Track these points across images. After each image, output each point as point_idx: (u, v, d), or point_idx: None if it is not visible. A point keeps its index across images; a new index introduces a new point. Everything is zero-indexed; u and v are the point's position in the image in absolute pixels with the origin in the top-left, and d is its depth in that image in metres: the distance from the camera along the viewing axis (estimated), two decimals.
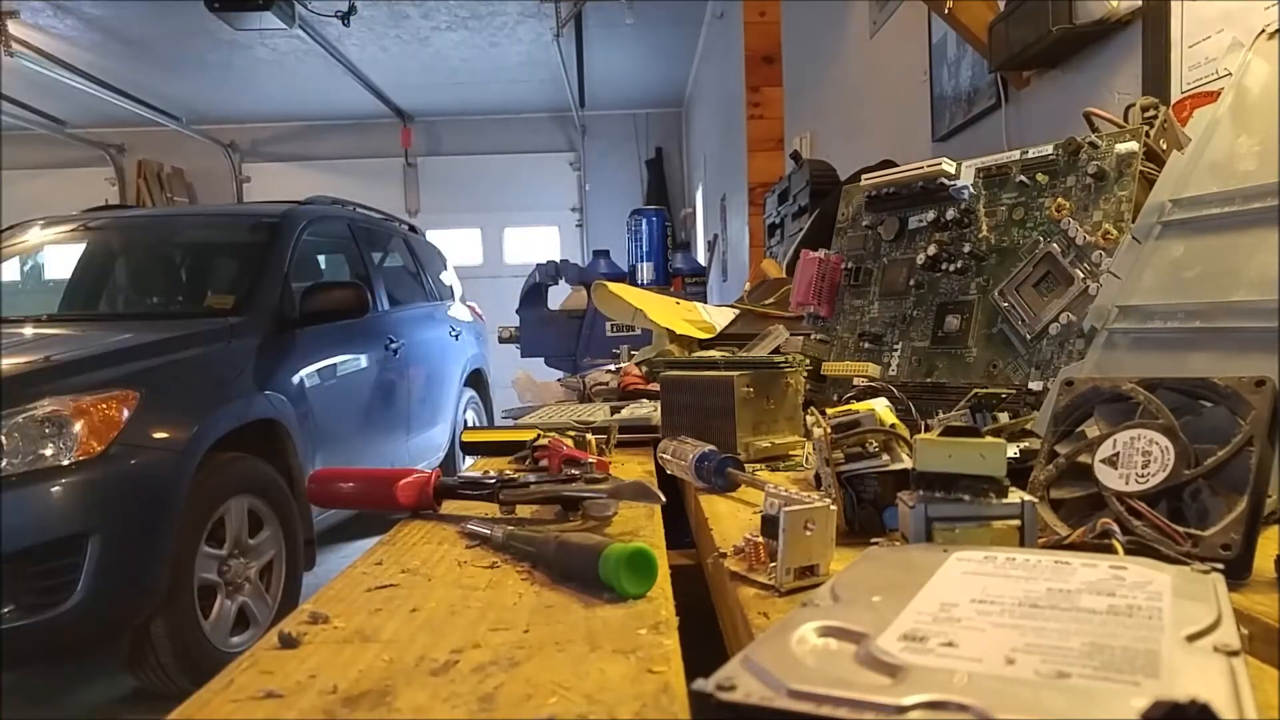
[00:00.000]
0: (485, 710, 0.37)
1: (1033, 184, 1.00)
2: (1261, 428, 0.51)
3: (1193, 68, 1.22)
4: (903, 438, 0.66)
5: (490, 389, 5.91)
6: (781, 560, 0.51)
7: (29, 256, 4.40)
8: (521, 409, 1.51)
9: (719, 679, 0.30)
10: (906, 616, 0.35)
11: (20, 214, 4.59)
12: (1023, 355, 0.96)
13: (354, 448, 3.87)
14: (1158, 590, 0.38)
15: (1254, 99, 0.76)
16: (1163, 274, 0.76)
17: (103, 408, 2.49)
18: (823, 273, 1.25)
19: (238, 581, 2.95)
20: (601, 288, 1.80)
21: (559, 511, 0.71)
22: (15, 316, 3.42)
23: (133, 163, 8.70)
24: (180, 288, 4.02)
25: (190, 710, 0.38)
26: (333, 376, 3.73)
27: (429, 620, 0.48)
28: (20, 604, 2.31)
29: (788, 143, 4.31)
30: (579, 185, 9.27)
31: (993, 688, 0.28)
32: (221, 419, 2.88)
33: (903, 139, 2.59)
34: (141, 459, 2.53)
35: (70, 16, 5.97)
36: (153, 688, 2.74)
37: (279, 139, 9.05)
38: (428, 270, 5.38)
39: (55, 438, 2.39)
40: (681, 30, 6.73)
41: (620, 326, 3.42)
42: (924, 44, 2.37)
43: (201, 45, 6.61)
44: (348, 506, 1.28)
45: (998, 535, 0.51)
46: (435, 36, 6.73)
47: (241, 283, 3.60)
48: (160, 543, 2.54)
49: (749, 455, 0.94)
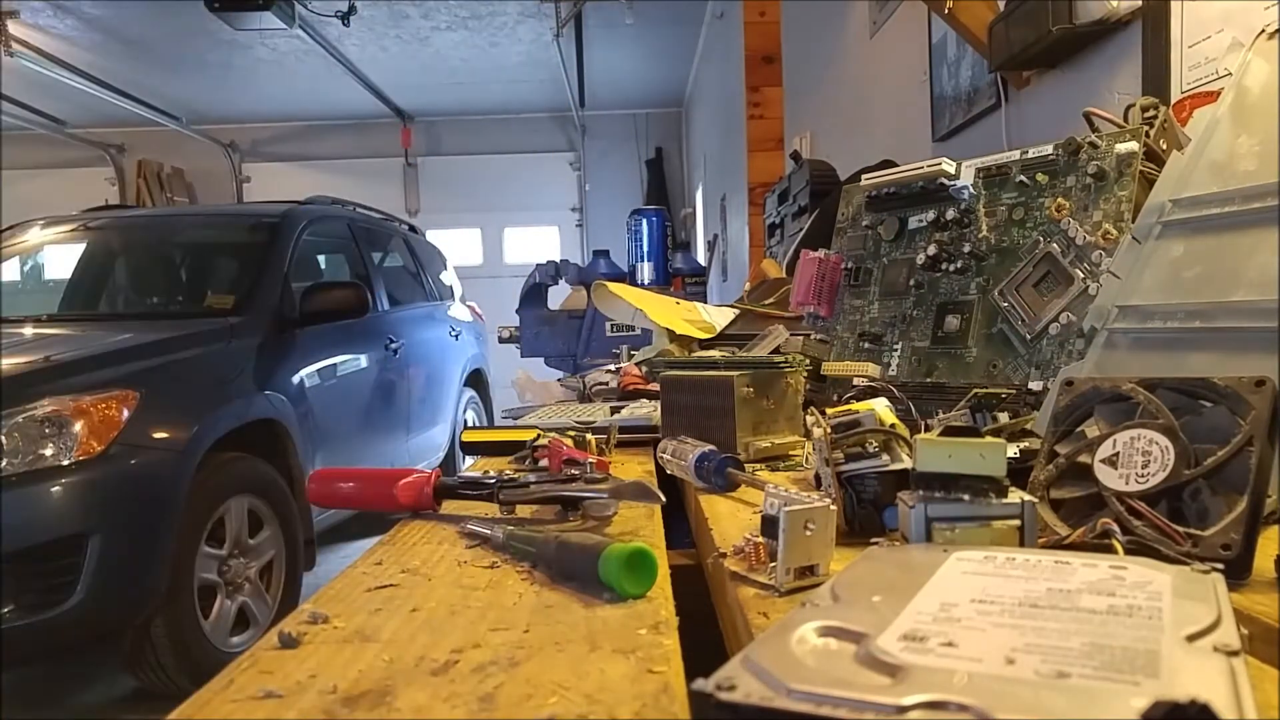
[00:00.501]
0: (485, 710, 0.37)
1: (1033, 184, 1.00)
2: (1261, 428, 0.51)
3: (1193, 68, 1.22)
4: (903, 438, 0.66)
5: (490, 389, 5.91)
6: (781, 560, 0.51)
7: (29, 256, 4.40)
8: (521, 409, 1.51)
9: (719, 679, 0.30)
10: (906, 616, 0.35)
11: (20, 214, 4.59)
12: (1023, 355, 0.96)
13: (354, 448, 3.87)
14: (1158, 590, 0.38)
15: (1254, 99, 0.76)
16: (1163, 274, 0.76)
17: (103, 408, 2.49)
18: (823, 273, 1.25)
19: (238, 581, 2.95)
20: (601, 288, 1.80)
21: (559, 511, 0.71)
22: (15, 316, 3.42)
23: (133, 163, 8.70)
24: (180, 288, 4.02)
25: (190, 710, 0.38)
26: (333, 376, 3.73)
27: (429, 620, 0.48)
28: (20, 604, 2.31)
29: (788, 143, 4.31)
30: (579, 185, 9.27)
31: (993, 688, 0.28)
32: (221, 419, 2.88)
33: (903, 139, 2.59)
34: (141, 459, 2.53)
35: (70, 16, 5.97)
36: (153, 688, 2.74)
37: (279, 139, 9.05)
38: (428, 270, 5.38)
39: (55, 438, 2.39)
40: (681, 30, 6.73)
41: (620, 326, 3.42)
42: (924, 44, 2.37)
43: (201, 45, 6.61)
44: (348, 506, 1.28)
45: (998, 535, 0.51)
46: (435, 36, 6.73)
47: (241, 283, 3.60)
48: (160, 543, 2.54)
49: (749, 455, 0.94)
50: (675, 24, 6.55)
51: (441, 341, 5.09)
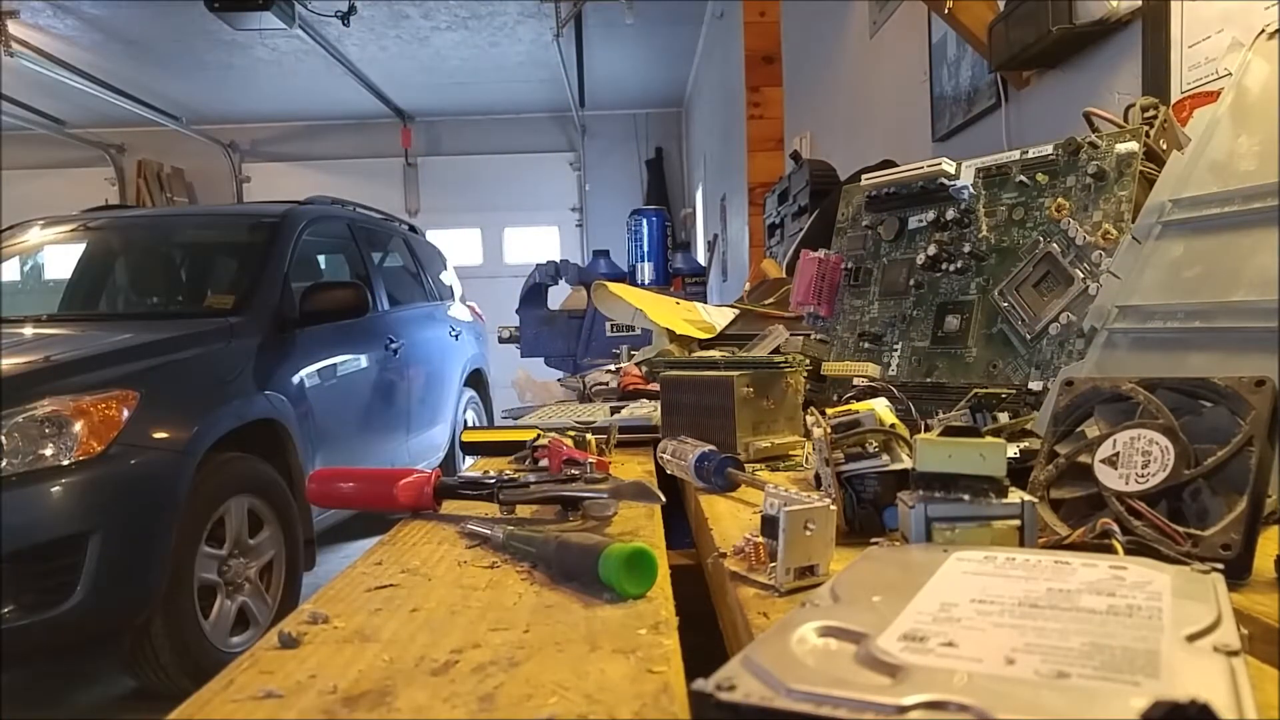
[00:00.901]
0: (485, 710, 0.37)
1: (1033, 184, 1.00)
2: (1261, 428, 0.51)
3: (1193, 68, 1.22)
4: (903, 438, 0.66)
5: (490, 389, 5.91)
6: (781, 560, 0.51)
7: (29, 256, 4.40)
8: (521, 409, 1.51)
9: (719, 679, 0.30)
10: (906, 616, 0.35)
11: (20, 214, 4.59)
12: (1023, 355, 0.96)
13: (354, 448, 3.87)
14: (1158, 590, 0.38)
15: (1254, 99, 0.76)
16: (1163, 274, 0.76)
17: (103, 408, 2.49)
18: (823, 273, 1.25)
19: (238, 581, 2.95)
20: (601, 288, 1.80)
21: (559, 511, 0.71)
22: (15, 316, 3.42)
23: (133, 163, 8.70)
24: (180, 288, 4.02)
25: (190, 710, 0.38)
26: (333, 376, 3.73)
27: (429, 620, 0.48)
28: (20, 604, 2.31)
29: (788, 143, 4.31)
30: (579, 185, 9.27)
31: (993, 688, 0.28)
32: (221, 419, 2.88)
33: (903, 139, 2.59)
34: (141, 459, 2.53)
35: (70, 16, 5.97)
36: (153, 688, 2.74)
37: (279, 139, 9.05)
38: (428, 270, 5.38)
39: (55, 438, 2.39)
40: (681, 30, 6.73)
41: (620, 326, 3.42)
42: (924, 44, 2.37)
43: (201, 45, 6.61)
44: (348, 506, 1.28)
45: (998, 535, 0.51)
46: (435, 36, 6.73)
47: (241, 283, 3.60)
48: (160, 543, 2.54)
49: (749, 455, 0.94)
50: (675, 24, 6.55)
51: (441, 341, 5.09)
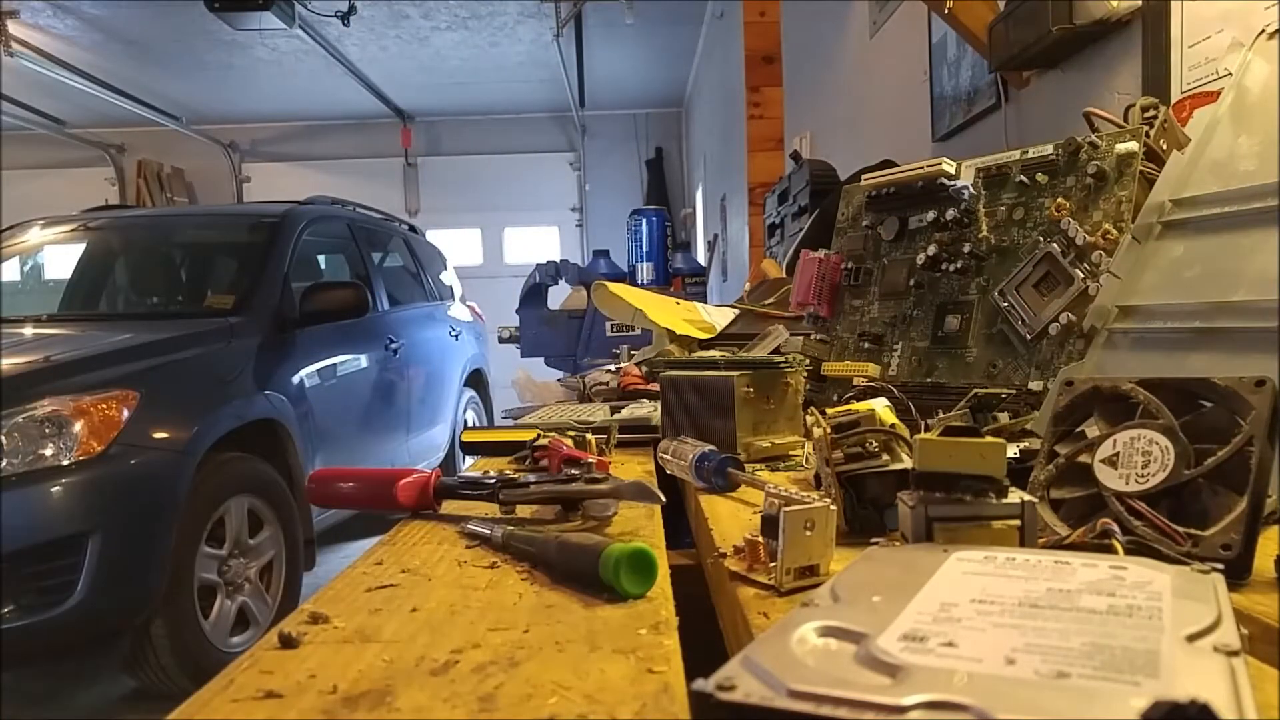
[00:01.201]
0: (485, 710, 0.37)
1: (1033, 184, 1.00)
2: (1261, 428, 0.51)
3: (1193, 68, 1.22)
4: (903, 438, 0.66)
5: (490, 389, 5.91)
6: (781, 560, 0.51)
7: (29, 256, 4.41)
8: (521, 409, 1.51)
9: (719, 679, 0.30)
10: (906, 616, 0.35)
11: (20, 214, 4.59)
12: (1023, 355, 0.96)
13: (354, 448, 3.87)
14: (1158, 590, 0.38)
15: (1254, 99, 0.76)
16: (1163, 274, 0.76)
17: (103, 408, 2.49)
18: (823, 273, 1.25)
19: (238, 581, 2.95)
20: (601, 288, 1.80)
21: (559, 511, 0.71)
22: (15, 316, 3.42)
23: (133, 163, 8.70)
24: (180, 288, 4.02)
25: (190, 710, 0.38)
26: (333, 376, 3.73)
27: (429, 620, 0.48)
28: (20, 604, 2.31)
29: (788, 143, 4.31)
30: (579, 185, 9.27)
31: (993, 688, 0.28)
32: (221, 419, 2.88)
33: (903, 139, 2.59)
34: (141, 459, 2.53)
35: (70, 16, 5.97)
36: (153, 688, 2.74)
37: (279, 139, 9.05)
38: (428, 270, 5.38)
39: (55, 438, 2.39)
40: (681, 30, 6.73)
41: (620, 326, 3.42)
42: (924, 44, 2.37)
43: (201, 45, 6.61)
44: (348, 506, 1.28)
45: (998, 535, 0.51)
46: (435, 36, 6.73)
47: (241, 283, 3.60)
48: (160, 543, 2.54)
49: (749, 455, 0.94)
50: (675, 24, 6.55)
51: (441, 341, 5.09)
